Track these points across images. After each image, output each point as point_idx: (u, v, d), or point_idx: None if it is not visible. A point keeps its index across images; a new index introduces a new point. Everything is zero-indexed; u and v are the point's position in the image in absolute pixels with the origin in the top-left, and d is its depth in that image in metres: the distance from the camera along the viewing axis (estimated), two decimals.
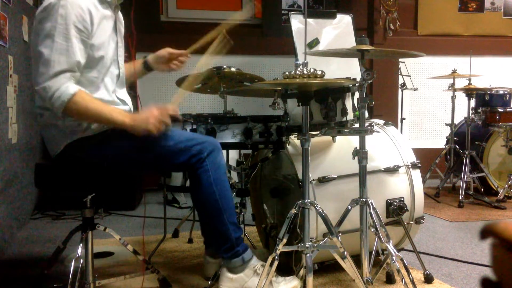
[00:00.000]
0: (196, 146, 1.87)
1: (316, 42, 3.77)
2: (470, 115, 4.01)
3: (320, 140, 2.24)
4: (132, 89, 2.93)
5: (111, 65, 1.93)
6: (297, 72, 1.80)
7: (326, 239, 2.01)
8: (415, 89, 4.56)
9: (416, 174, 2.33)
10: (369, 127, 1.94)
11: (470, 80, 4.04)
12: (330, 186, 2.16)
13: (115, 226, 3.25)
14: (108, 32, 1.90)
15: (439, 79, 4.40)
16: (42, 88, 1.71)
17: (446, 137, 4.38)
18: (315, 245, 1.86)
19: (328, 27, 3.87)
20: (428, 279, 2.21)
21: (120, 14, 2.05)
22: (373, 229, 1.98)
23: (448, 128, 4.26)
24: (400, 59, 4.56)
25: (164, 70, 2.21)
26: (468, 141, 3.95)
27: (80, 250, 1.90)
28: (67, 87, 1.71)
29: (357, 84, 2.01)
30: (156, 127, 1.78)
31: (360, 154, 1.94)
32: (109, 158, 1.88)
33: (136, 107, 2.13)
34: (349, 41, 3.83)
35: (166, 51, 2.19)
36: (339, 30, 3.89)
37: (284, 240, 1.86)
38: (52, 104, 1.72)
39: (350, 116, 2.15)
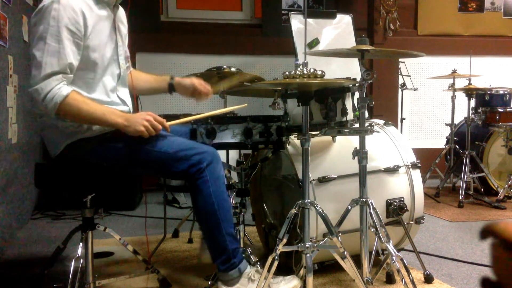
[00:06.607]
0: (196, 156, 1.86)
1: (316, 42, 3.77)
2: (470, 115, 4.01)
3: (320, 140, 2.24)
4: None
5: (110, 64, 1.92)
6: (297, 72, 1.80)
7: (326, 239, 2.01)
8: (415, 89, 4.56)
9: (416, 174, 2.33)
10: (369, 127, 1.94)
11: (470, 80, 4.03)
12: (330, 186, 2.16)
13: (115, 226, 3.25)
14: (105, 33, 1.89)
15: (439, 79, 4.40)
16: (34, 90, 1.72)
17: (446, 137, 4.38)
18: (315, 245, 1.86)
19: (328, 27, 3.87)
20: (428, 279, 2.21)
21: (121, 13, 2.04)
22: (373, 229, 1.98)
23: (448, 128, 4.26)
24: (400, 59, 4.56)
25: (188, 97, 2.23)
26: (468, 141, 3.95)
27: (80, 250, 1.90)
28: (59, 88, 1.71)
29: (357, 84, 2.01)
30: (147, 129, 1.78)
31: (360, 154, 1.94)
32: (108, 160, 1.88)
33: (136, 108, 2.13)
34: (349, 41, 3.83)
35: (192, 84, 2.16)
36: (339, 30, 3.89)
37: (284, 240, 1.86)
38: (45, 106, 1.72)
39: (350, 116, 2.15)
